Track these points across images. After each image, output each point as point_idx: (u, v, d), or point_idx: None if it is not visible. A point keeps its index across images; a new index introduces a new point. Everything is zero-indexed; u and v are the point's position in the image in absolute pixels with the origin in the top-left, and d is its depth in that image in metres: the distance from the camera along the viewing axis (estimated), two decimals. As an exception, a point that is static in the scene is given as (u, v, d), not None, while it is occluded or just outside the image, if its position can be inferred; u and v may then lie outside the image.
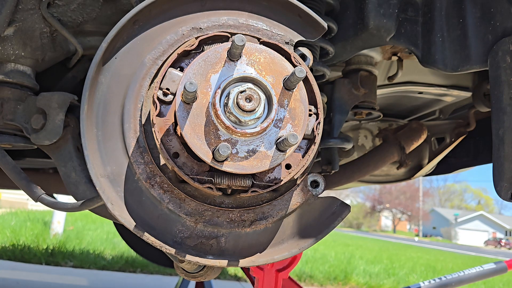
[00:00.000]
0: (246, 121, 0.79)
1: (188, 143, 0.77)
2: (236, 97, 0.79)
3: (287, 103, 0.84)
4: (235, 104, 0.79)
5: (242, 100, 0.79)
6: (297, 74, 0.80)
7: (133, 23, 0.85)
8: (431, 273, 9.31)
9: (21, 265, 5.03)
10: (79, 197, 1.08)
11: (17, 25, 1.10)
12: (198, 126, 0.78)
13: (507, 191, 1.12)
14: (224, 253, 0.85)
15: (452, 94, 1.97)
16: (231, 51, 0.80)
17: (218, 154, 0.76)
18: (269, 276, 1.54)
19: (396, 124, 2.43)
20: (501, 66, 1.15)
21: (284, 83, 0.84)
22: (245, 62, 0.82)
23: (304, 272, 6.71)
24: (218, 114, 0.78)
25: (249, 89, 0.80)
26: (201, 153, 0.78)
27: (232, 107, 0.79)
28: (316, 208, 0.91)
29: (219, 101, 0.79)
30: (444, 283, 2.65)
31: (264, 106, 0.81)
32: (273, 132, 0.82)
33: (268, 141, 0.81)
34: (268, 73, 0.83)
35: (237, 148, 0.80)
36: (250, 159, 0.80)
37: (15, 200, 17.53)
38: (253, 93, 0.79)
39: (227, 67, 0.81)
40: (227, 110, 0.79)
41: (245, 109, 0.79)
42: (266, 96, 0.82)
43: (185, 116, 0.78)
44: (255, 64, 0.83)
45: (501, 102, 1.15)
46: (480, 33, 1.23)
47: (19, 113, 1.13)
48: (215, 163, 0.78)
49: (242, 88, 0.80)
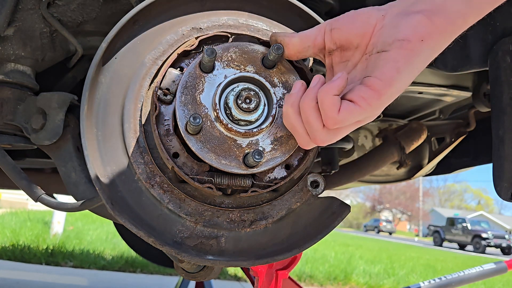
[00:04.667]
0: (252, 120, 0.81)
1: (220, 168, 0.80)
2: (235, 101, 0.80)
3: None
4: (237, 108, 0.80)
5: (242, 102, 0.80)
6: (274, 51, 0.80)
7: (133, 23, 0.85)
8: (431, 273, 9.31)
9: (21, 265, 5.03)
10: (79, 197, 1.08)
11: (17, 25, 1.10)
12: (218, 148, 0.80)
13: (507, 191, 1.12)
14: (224, 253, 0.85)
15: (452, 94, 1.97)
16: (202, 65, 0.82)
17: (251, 160, 0.78)
18: (269, 276, 1.54)
19: (396, 124, 2.43)
20: (501, 66, 1.15)
21: (263, 62, 0.84)
22: (220, 67, 0.83)
23: (304, 272, 6.71)
24: (229, 127, 0.79)
25: (244, 90, 0.81)
26: (236, 170, 0.80)
27: (236, 113, 0.80)
28: (316, 208, 0.91)
29: (223, 114, 0.80)
30: (444, 283, 2.65)
31: (263, 102, 0.82)
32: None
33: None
34: (246, 66, 0.84)
35: (261, 146, 0.82)
36: (277, 149, 0.83)
37: (15, 200, 17.54)
38: (250, 91, 0.81)
39: (208, 81, 0.82)
40: (234, 119, 0.80)
41: (248, 110, 0.80)
42: (264, 92, 0.83)
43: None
44: (230, 63, 0.84)
45: (501, 102, 1.15)
46: (480, 33, 1.23)
47: (19, 113, 1.13)
48: (251, 170, 0.81)
49: (237, 89, 0.81)
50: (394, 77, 0.67)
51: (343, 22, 0.76)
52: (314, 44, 0.79)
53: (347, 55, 0.77)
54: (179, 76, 0.85)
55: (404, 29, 0.67)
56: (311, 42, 0.79)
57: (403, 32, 0.67)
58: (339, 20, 0.76)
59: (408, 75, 0.68)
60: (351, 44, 0.75)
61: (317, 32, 0.78)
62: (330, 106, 0.69)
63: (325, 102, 0.69)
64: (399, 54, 0.67)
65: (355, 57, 0.76)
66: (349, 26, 0.74)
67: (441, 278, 2.70)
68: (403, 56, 0.67)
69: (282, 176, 0.89)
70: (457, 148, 2.33)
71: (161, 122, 0.84)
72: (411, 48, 0.66)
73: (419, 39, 0.66)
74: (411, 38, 0.66)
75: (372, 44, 0.72)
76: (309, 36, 0.79)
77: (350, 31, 0.74)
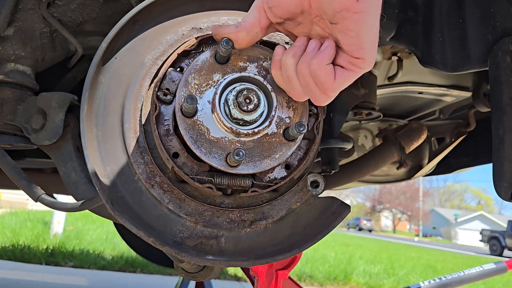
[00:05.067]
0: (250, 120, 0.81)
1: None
2: (235, 99, 0.80)
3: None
4: (237, 107, 0.80)
5: (242, 102, 0.80)
6: (224, 46, 0.79)
7: (133, 23, 0.85)
8: (431, 273, 9.31)
9: (21, 265, 5.03)
10: (79, 197, 1.08)
11: (17, 25, 1.10)
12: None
13: (507, 191, 1.12)
14: (224, 253, 0.85)
15: (452, 94, 1.97)
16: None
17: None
18: (269, 276, 1.54)
19: (396, 124, 2.43)
20: (501, 66, 1.15)
21: (217, 59, 0.84)
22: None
23: (304, 272, 6.71)
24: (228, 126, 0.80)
25: (247, 90, 0.80)
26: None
27: (235, 112, 0.80)
28: (316, 208, 0.91)
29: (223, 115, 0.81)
30: (444, 283, 2.65)
31: (264, 104, 0.82)
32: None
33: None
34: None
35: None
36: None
37: (15, 200, 17.54)
38: (251, 92, 0.80)
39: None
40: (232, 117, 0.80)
41: (247, 110, 0.80)
42: (265, 94, 0.83)
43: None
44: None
45: (501, 102, 1.15)
46: (480, 33, 1.23)
47: (19, 113, 1.13)
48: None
49: (238, 88, 0.81)
50: (360, 41, 0.69)
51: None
52: (261, 28, 0.78)
53: (297, 21, 0.77)
54: (179, 76, 0.85)
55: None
56: (257, 27, 0.78)
57: (337, 2, 0.67)
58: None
59: (369, 30, 0.69)
60: (295, 14, 0.75)
61: (258, 15, 0.77)
62: (325, 77, 0.71)
63: (319, 74, 0.71)
64: (348, 24, 0.68)
65: (306, 19, 0.76)
66: (285, 0, 0.73)
67: (441, 278, 2.70)
68: (352, 22, 0.68)
69: (282, 176, 0.89)
70: (457, 148, 2.33)
71: (161, 122, 0.84)
72: (353, 12, 0.67)
73: (354, 1, 0.67)
74: (347, 4, 0.67)
75: (316, 9, 0.72)
76: (254, 23, 0.77)
77: (287, 5, 0.74)
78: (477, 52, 1.23)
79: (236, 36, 0.78)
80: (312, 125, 0.90)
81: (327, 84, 0.72)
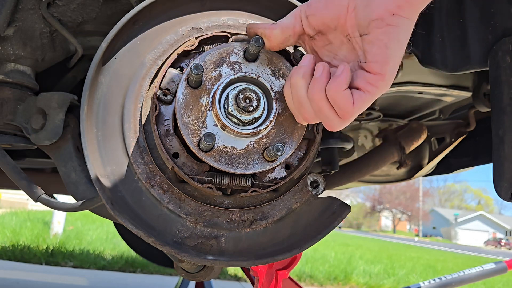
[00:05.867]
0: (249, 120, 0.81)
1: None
2: (235, 99, 0.80)
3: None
4: (236, 106, 0.80)
5: (242, 102, 0.80)
6: (255, 44, 0.79)
7: (133, 23, 0.85)
8: (431, 273, 9.31)
9: (21, 265, 5.03)
10: (79, 197, 1.08)
11: (17, 25, 1.10)
12: None
13: (507, 191, 1.12)
14: (224, 253, 0.85)
15: (452, 94, 1.97)
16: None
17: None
18: (269, 276, 1.54)
19: (396, 124, 2.43)
20: (501, 66, 1.15)
21: (245, 56, 0.84)
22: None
23: (304, 272, 6.71)
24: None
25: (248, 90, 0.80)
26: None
27: (234, 110, 0.80)
28: (316, 208, 0.91)
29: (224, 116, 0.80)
30: (444, 283, 2.65)
31: (264, 106, 0.82)
32: None
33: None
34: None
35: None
36: None
37: (15, 200, 17.55)
38: (252, 93, 0.80)
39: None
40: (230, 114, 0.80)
41: (248, 110, 0.79)
42: (266, 95, 0.83)
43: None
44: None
45: (501, 102, 1.15)
46: (480, 33, 1.23)
47: (19, 113, 1.13)
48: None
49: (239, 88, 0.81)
50: (386, 54, 0.69)
51: (317, 7, 0.75)
52: (294, 33, 0.78)
53: (328, 38, 0.77)
54: (179, 76, 0.85)
55: (375, 8, 0.69)
56: (291, 31, 0.78)
57: (375, 11, 0.68)
58: (312, 5, 0.76)
59: (397, 45, 0.70)
60: (329, 27, 0.75)
61: (294, 21, 0.78)
62: (344, 102, 0.71)
63: (339, 99, 0.71)
64: (379, 34, 0.69)
65: (336, 39, 0.76)
66: (323, 11, 0.74)
67: (441, 278, 2.70)
68: (384, 33, 0.68)
69: (282, 176, 0.89)
70: (457, 148, 2.33)
71: (161, 122, 0.84)
72: (387, 24, 0.68)
73: (390, 14, 0.68)
74: (383, 16, 0.68)
75: (350, 26, 0.73)
76: (289, 26, 0.78)
77: (324, 16, 0.74)
78: (477, 52, 1.23)
79: (270, 32, 0.78)
80: (312, 125, 0.90)
81: (347, 109, 0.71)
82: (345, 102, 0.71)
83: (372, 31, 0.69)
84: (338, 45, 0.77)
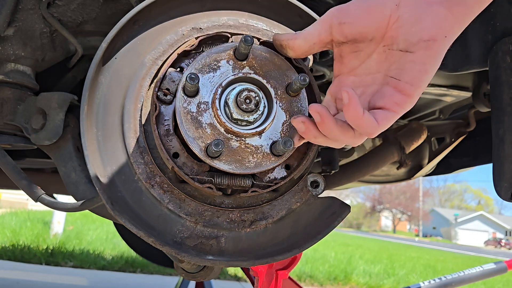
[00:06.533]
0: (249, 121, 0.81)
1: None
2: (236, 99, 0.79)
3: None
4: (236, 106, 0.79)
5: (242, 102, 0.79)
6: (301, 82, 0.79)
7: (133, 23, 0.85)
8: (431, 273, 9.32)
9: (21, 265, 5.03)
10: (79, 197, 1.08)
11: (17, 25, 1.10)
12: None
13: (507, 191, 1.12)
14: (224, 253, 0.85)
15: (452, 94, 1.97)
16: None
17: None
18: (269, 276, 1.54)
19: (396, 124, 2.43)
20: (501, 66, 1.15)
21: (286, 89, 0.84)
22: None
23: (304, 272, 6.71)
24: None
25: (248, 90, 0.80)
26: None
27: (234, 110, 0.79)
28: (316, 208, 0.91)
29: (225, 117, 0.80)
30: (444, 283, 2.65)
31: (264, 106, 0.82)
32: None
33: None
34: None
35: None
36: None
37: (15, 200, 17.56)
38: (252, 93, 0.80)
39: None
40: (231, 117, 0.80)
41: (246, 110, 0.79)
42: (266, 95, 0.83)
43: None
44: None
45: (501, 102, 1.15)
46: (480, 33, 1.23)
47: (19, 113, 1.13)
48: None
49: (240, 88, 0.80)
50: (424, 79, 0.67)
51: (355, 15, 0.70)
52: (319, 40, 0.75)
53: (359, 46, 0.73)
54: (179, 76, 0.85)
55: (428, 27, 0.64)
56: (316, 39, 0.75)
57: (427, 30, 0.64)
58: (350, 12, 0.71)
59: (434, 71, 0.67)
60: (365, 37, 0.71)
61: (321, 28, 0.74)
62: (368, 125, 0.67)
63: (361, 125, 0.67)
64: (426, 56, 0.65)
65: (369, 48, 0.72)
66: (362, 19, 0.69)
67: (441, 278, 2.70)
68: (430, 57, 0.65)
69: (282, 176, 0.89)
70: (457, 148, 2.33)
71: (161, 122, 0.84)
72: (437, 47, 0.65)
73: (443, 35, 0.64)
74: (437, 37, 0.64)
75: (390, 38, 0.68)
76: (313, 34, 0.75)
77: (363, 25, 0.69)
78: (477, 52, 1.23)
79: (293, 43, 0.77)
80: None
81: (371, 130, 0.68)
82: (368, 125, 0.67)
83: (418, 52, 0.65)
84: (368, 53, 0.73)
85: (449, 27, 0.64)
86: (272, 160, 0.82)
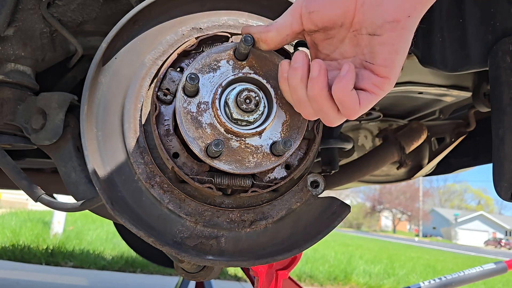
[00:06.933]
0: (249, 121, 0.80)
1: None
2: (235, 99, 0.79)
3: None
4: (236, 106, 0.79)
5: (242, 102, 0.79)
6: (244, 44, 0.77)
7: (133, 23, 0.85)
8: (431, 273, 9.32)
9: (21, 265, 5.03)
10: (79, 197, 1.08)
11: (17, 25, 1.10)
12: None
13: (507, 191, 1.12)
14: (224, 253, 0.85)
15: (452, 94, 1.97)
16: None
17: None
18: (269, 276, 1.54)
19: (396, 124, 2.43)
20: (501, 66, 1.15)
21: (236, 55, 0.83)
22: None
23: (304, 272, 6.71)
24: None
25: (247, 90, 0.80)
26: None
27: (234, 110, 0.79)
28: (316, 208, 0.91)
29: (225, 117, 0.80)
30: (444, 283, 2.65)
31: (264, 106, 0.82)
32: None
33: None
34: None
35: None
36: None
37: (15, 200, 17.56)
38: (252, 93, 0.80)
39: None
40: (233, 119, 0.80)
41: (246, 110, 0.79)
42: (265, 95, 0.83)
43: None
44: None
45: (501, 102, 1.15)
46: (480, 33, 1.23)
47: (19, 113, 1.13)
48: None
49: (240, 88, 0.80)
50: (396, 59, 0.69)
51: (322, 2, 0.72)
52: (292, 32, 0.76)
53: (331, 33, 0.74)
54: (179, 76, 0.85)
55: (389, 9, 0.66)
56: (289, 30, 0.76)
57: (389, 12, 0.66)
58: (317, 0, 0.72)
59: (406, 49, 0.69)
60: (335, 24, 0.72)
61: (292, 19, 0.75)
62: (351, 102, 0.70)
63: (346, 100, 0.70)
64: (393, 37, 0.67)
65: (340, 34, 0.73)
66: (330, 7, 0.71)
67: (441, 278, 2.70)
68: (397, 37, 0.67)
69: (282, 176, 0.89)
70: (457, 148, 2.33)
71: (161, 122, 0.84)
72: (402, 27, 0.67)
73: (406, 15, 0.66)
74: (400, 18, 0.66)
75: (358, 23, 0.70)
76: (286, 25, 0.75)
77: (331, 12, 0.71)
78: (477, 52, 1.23)
79: (266, 35, 0.77)
80: (312, 125, 0.90)
81: (353, 109, 0.71)
82: (352, 102, 0.70)
83: (385, 34, 0.67)
84: (341, 39, 0.74)
85: (411, 7, 0.66)
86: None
